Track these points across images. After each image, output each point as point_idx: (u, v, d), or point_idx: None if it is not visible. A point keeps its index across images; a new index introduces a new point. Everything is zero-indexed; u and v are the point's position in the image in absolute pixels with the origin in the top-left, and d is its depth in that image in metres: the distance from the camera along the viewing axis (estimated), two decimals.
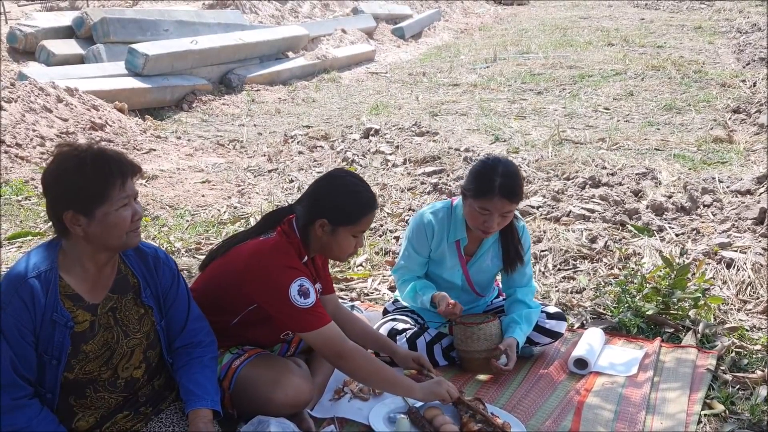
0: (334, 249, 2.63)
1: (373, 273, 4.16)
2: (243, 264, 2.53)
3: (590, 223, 4.92)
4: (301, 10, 13.24)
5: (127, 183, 2.04)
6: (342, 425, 2.65)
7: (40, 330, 2.01)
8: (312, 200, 2.62)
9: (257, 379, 2.51)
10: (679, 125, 7.65)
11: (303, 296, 2.47)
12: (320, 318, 2.51)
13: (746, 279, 3.96)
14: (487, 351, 2.99)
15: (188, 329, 2.34)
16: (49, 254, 2.07)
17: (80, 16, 9.15)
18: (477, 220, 2.97)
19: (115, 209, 2.02)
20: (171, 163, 6.75)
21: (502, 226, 3.02)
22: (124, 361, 2.18)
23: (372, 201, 2.63)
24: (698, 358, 3.05)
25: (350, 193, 2.60)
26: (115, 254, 2.15)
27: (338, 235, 2.58)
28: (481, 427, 2.53)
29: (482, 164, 3.02)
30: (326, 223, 2.56)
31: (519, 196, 2.98)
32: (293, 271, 2.50)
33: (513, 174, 2.95)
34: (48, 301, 2.01)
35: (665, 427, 2.63)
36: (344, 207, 2.57)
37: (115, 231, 2.03)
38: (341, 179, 2.67)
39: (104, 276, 2.14)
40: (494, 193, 2.89)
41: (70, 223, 2.00)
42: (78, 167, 1.98)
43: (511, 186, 2.91)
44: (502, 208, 2.92)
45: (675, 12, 17.14)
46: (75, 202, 1.98)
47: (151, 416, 2.28)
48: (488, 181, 2.91)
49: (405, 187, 5.81)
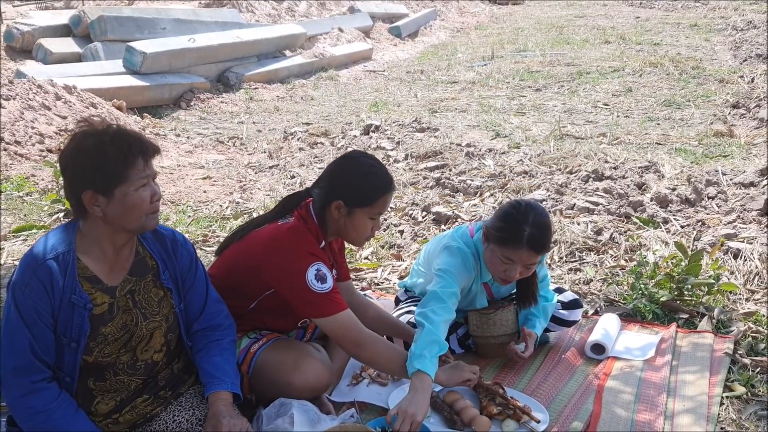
0: (351, 232, 2.59)
1: (382, 264, 4.14)
2: (260, 249, 2.51)
3: (595, 215, 4.91)
4: (298, 9, 13.21)
5: (147, 163, 2.01)
6: (362, 409, 2.63)
7: (59, 312, 1.99)
8: (328, 182, 2.58)
9: (276, 363, 2.48)
10: (679, 120, 7.66)
11: (320, 281, 2.44)
12: (337, 304, 2.48)
13: (753, 269, 3.95)
14: (504, 336, 2.97)
15: (207, 313, 2.31)
16: (66, 236, 2.04)
17: (77, 15, 9.10)
18: (497, 268, 2.79)
19: (135, 189, 1.99)
20: (171, 160, 6.72)
21: (524, 276, 2.84)
22: (143, 344, 2.16)
23: (389, 182, 2.58)
24: (715, 343, 3.05)
25: (366, 174, 2.56)
26: (133, 236, 2.12)
27: (355, 217, 2.54)
28: (501, 410, 2.51)
29: (513, 208, 2.78)
30: (342, 205, 2.52)
31: (547, 249, 2.79)
32: (310, 256, 2.47)
33: (544, 225, 2.73)
34: (66, 282, 1.98)
35: (687, 408, 2.61)
36: (360, 188, 2.53)
37: (134, 211, 2.00)
38: (357, 160, 2.63)
39: (122, 258, 2.11)
40: (521, 245, 2.69)
41: (89, 203, 1.98)
42: (98, 146, 1.96)
43: (540, 239, 2.70)
44: (527, 260, 2.73)
45: (670, 10, 17.18)
46: (94, 182, 1.96)
47: (171, 400, 2.25)
48: (517, 230, 2.69)
49: (408, 182, 5.79)
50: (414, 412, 2.34)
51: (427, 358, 2.47)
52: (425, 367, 2.44)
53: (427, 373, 2.44)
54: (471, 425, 2.51)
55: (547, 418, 2.55)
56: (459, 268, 2.84)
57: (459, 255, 2.88)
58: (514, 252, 2.72)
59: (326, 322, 2.50)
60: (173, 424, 2.21)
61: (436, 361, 2.51)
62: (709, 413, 2.58)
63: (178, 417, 2.22)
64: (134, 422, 2.20)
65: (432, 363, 2.48)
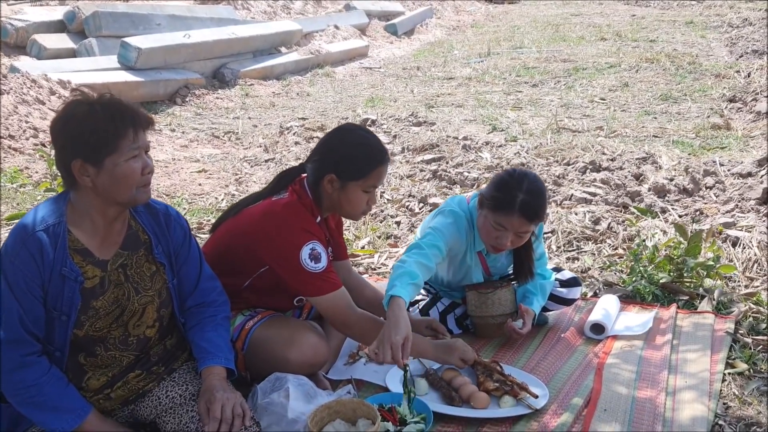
0: (345, 206, 2.54)
1: (378, 250, 4.11)
2: (254, 225, 2.47)
3: (592, 205, 4.89)
4: (294, 7, 13.17)
5: (138, 134, 1.97)
6: (359, 387, 2.60)
7: (49, 285, 1.94)
8: (320, 155, 2.54)
9: (272, 339, 2.45)
10: (675, 114, 7.64)
11: (314, 260, 2.40)
12: (330, 284, 2.45)
13: (752, 256, 3.93)
14: (502, 316, 2.94)
15: (200, 288, 2.27)
16: (57, 207, 2.00)
17: (72, 11, 9.04)
18: (490, 234, 2.77)
19: (125, 160, 1.94)
20: (166, 154, 6.68)
21: (516, 245, 2.81)
22: (135, 319, 2.12)
23: (382, 154, 2.52)
24: (716, 323, 3.03)
25: (358, 145, 2.50)
26: (125, 210, 2.07)
27: (348, 190, 2.49)
28: (498, 386, 2.48)
29: (507, 175, 2.77)
30: (335, 179, 2.48)
31: (540, 217, 2.74)
32: (305, 234, 2.43)
33: (538, 192, 2.70)
34: (56, 255, 1.94)
35: (689, 385, 2.59)
36: (352, 160, 2.48)
37: (124, 183, 1.96)
38: (349, 132, 2.59)
39: (114, 232, 2.07)
40: (513, 210, 2.67)
41: (78, 173, 1.93)
42: (88, 114, 1.92)
43: (533, 205, 2.67)
44: (519, 227, 2.70)
45: (666, 9, 17.19)
46: (84, 151, 1.91)
47: (164, 376, 2.21)
48: (509, 195, 2.67)
49: (404, 175, 5.76)
50: (389, 335, 2.28)
51: (398, 285, 2.43)
52: (396, 291, 2.40)
53: (398, 296, 2.39)
54: (469, 401, 2.48)
55: (547, 394, 2.53)
56: (448, 226, 2.82)
57: (451, 216, 2.87)
58: (505, 218, 2.69)
59: (318, 301, 2.47)
60: (166, 400, 2.17)
61: (409, 287, 2.46)
62: (711, 389, 2.57)
63: (171, 392, 2.18)
64: (126, 398, 2.17)
65: (403, 288, 2.43)
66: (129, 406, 2.19)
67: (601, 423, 2.40)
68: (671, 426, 2.40)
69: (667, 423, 2.42)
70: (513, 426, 2.40)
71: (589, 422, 2.39)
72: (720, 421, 2.45)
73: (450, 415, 2.44)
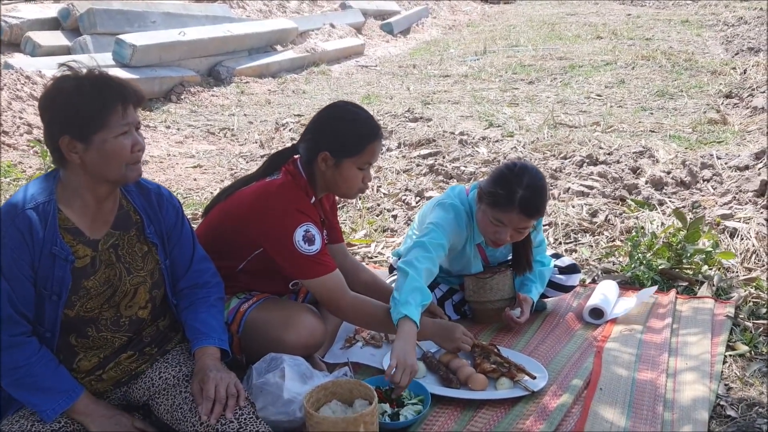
0: (341, 185, 2.50)
1: (375, 240, 4.08)
2: (247, 206, 2.44)
3: (590, 198, 4.87)
4: (289, 6, 13.15)
5: (128, 110, 1.92)
6: (356, 370, 2.56)
7: (39, 264, 1.90)
8: (312, 134, 2.50)
9: (268, 321, 2.41)
10: (672, 110, 7.63)
11: (308, 242, 2.36)
12: (324, 266, 2.41)
13: (750, 247, 3.91)
14: (500, 301, 2.92)
15: (193, 270, 2.23)
16: (47, 186, 1.96)
17: (66, 8, 9.00)
18: (488, 230, 2.72)
19: (114, 136, 1.90)
20: (161, 150, 6.65)
21: (515, 240, 2.76)
22: (126, 300, 2.08)
23: (374, 129, 2.48)
24: (716, 308, 3.01)
25: (350, 121, 2.46)
26: (115, 188, 2.03)
27: (342, 168, 2.45)
28: (495, 367, 2.46)
29: (507, 170, 2.69)
30: (329, 157, 2.44)
31: (541, 213, 2.69)
32: (299, 215, 2.40)
33: (538, 188, 2.64)
34: (47, 233, 1.90)
35: (690, 367, 2.56)
36: (345, 137, 2.44)
37: (113, 160, 1.91)
38: (341, 108, 2.54)
39: (105, 211, 2.03)
40: (512, 207, 2.61)
41: (67, 150, 1.89)
42: (76, 89, 1.87)
43: (533, 202, 2.61)
44: (518, 224, 2.65)
45: (661, 8, 17.21)
46: (71, 127, 1.87)
47: (157, 357, 2.18)
48: (509, 191, 2.61)
49: (401, 169, 5.74)
50: (412, 363, 2.28)
51: (412, 305, 2.39)
52: (411, 313, 2.36)
53: (413, 320, 2.36)
54: (467, 384, 2.46)
55: (546, 376, 2.50)
56: (450, 222, 2.76)
57: (452, 210, 2.81)
58: (504, 214, 2.64)
59: (311, 284, 2.44)
60: (159, 381, 2.13)
61: (420, 309, 2.43)
62: (712, 371, 2.55)
63: (164, 374, 2.14)
64: (119, 380, 2.13)
65: (417, 310, 2.40)
66: (122, 388, 2.16)
67: (601, 404, 2.38)
68: (672, 407, 2.38)
69: (669, 404, 2.40)
70: (512, 408, 2.37)
71: (590, 403, 2.37)
72: (722, 401, 2.43)
73: (448, 397, 2.42)
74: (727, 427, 2.31)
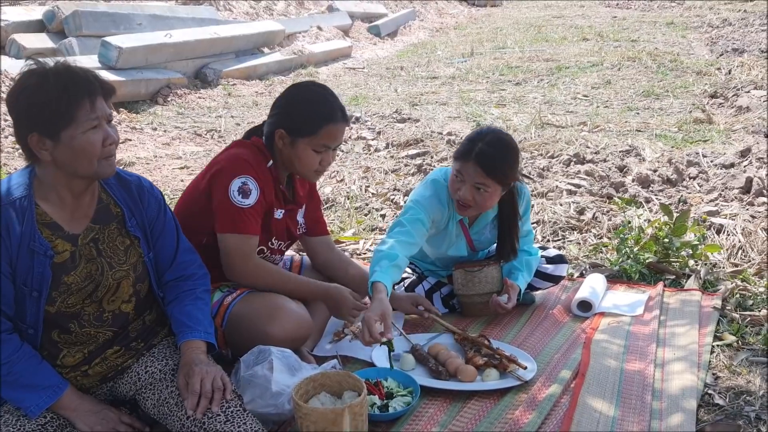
0: (296, 164, 2.48)
1: (363, 237, 4.08)
2: (207, 167, 2.49)
3: (577, 196, 4.89)
4: (276, 8, 13.13)
5: (96, 103, 1.86)
6: (345, 363, 2.55)
7: (17, 260, 1.86)
8: (273, 110, 2.50)
9: (252, 314, 2.38)
10: (658, 110, 7.68)
11: (242, 194, 2.36)
12: (244, 224, 2.39)
13: (737, 243, 3.94)
14: (489, 294, 2.92)
15: (178, 261, 2.20)
16: (23, 181, 1.91)
17: (51, 10, 8.93)
18: (453, 186, 2.79)
19: (83, 132, 1.84)
20: (147, 152, 6.61)
21: (481, 206, 2.79)
22: (109, 294, 2.04)
23: (332, 112, 2.44)
24: (703, 300, 3.02)
25: (308, 101, 2.44)
26: (92, 182, 1.99)
27: (297, 147, 2.44)
28: (487, 361, 2.46)
29: (477, 129, 2.86)
30: (285, 134, 2.43)
31: (496, 171, 2.70)
32: (246, 166, 2.40)
33: (498, 145, 2.72)
34: (24, 229, 1.86)
35: (678, 357, 2.57)
36: (301, 116, 2.42)
37: (84, 156, 1.86)
38: (302, 87, 2.53)
39: (83, 205, 1.99)
40: (470, 158, 2.70)
41: (36, 147, 1.85)
42: (41, 85, 1.82)
43: (489, 155, 2.68)
44: (475, 178, 2.70)
45: (646, 10, 17.32)
46: (39, 124, 1.82)
47: (143, 351, 2.15)
48: (470, 144, 2.73)
49: (389, 169, 5.74)
50: (369, 315, 2.33)
51: (378, 271, 2.47)
52: (377, 277, 2.46)
53: (380, 281, 2.44)
54: (456, 375, 2.45)
55: (535, 367, 2.50)
56: (430, 198, 2.82)
57: (432, 186, 2.87)
58: (462, 165, 2.72)
59: (224, 237, 2.42)
60: (146, 376, 2.11)
61: (390, 270, 2.49)
62: (700, 361, 2.56)
63: (150, 368, 2.12)
64: (105, 375, 2.10)
65: (383, 272, 2.48)
66: (108, 383, 2.13)
67: (590, 394, 2.38)
68: (661, 396, 2.39)
69: (657, 393, 2.41)
70: (501, 398, 2.37)
71: (578, 393, 2.37)
72: (710, 390, 2.45)
73: (437, 389, 2.41)
74: (716, 415, 2.32)
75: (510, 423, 2.24)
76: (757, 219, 4.15)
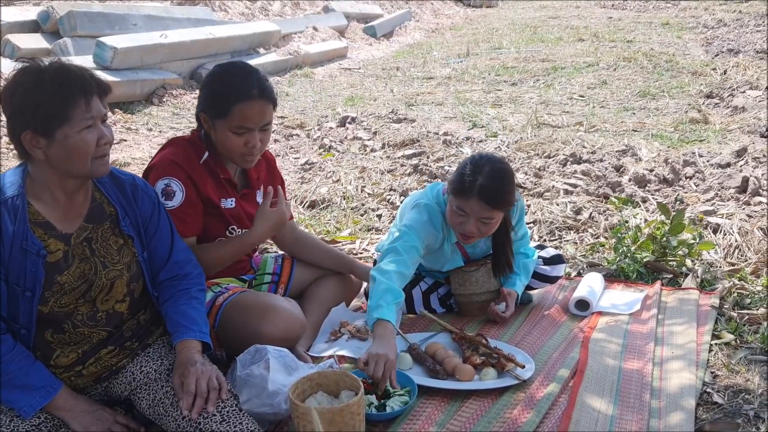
0: (221, 148, 2.41)
1: (360, 237, 4.07)
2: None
3: (574, 196, 4.88)
4: (272, 9, 13.11)
5: (91, 102, 1.85)
6: (341, 363, 2.54)
7: (10, 260, 1.85)
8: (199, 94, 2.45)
9: (244, 313, 2.36)
10: (654, 110, 7.69)
11: (165, 197, 2.32)
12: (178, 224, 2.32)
13: (733, 243, 3.94)
14: (486, 294, 2.91)
15: (173, 261, 2.19)
16: (16, 179, 1.90)
17: (46, 10, 8.90)
18: (455, 220, 2.72)
19: (77, 131, 1.83)
20: (143, 152, 6.59)
21: (485, 234, 2.74)
22: (103, 294, 2.03)
23: (244, 91, 2.32)
24: (701, 298, 3.02)
25: (219, 81, 2.36)
26: (85, 181, 1.98)
27: (217, 130, 2.37)
28: (484, 360, 2.44)
29: (471, 159, 2.71)
30: (207, 118, 2.37)
31: (501, 203, 2.65)
32: (170, 167, 2.35)
33: (499, 177, 2.63)
34: (17, 228, 1.85)
35: (676, 355, 2.57)
36: (213, 97, 2.35)
37: (77, 155, 1.85)
38: (221, 67, 2.43)
39: (76, 204, 1.98)
40: (472, 195, 2.61)
41: (29, 145, 1.84)
42: (36, 83, 1.81)
43: (492, 190, 2.60)
44: (480, 213, 2.64)
45: (642, 11, 17.36)
46: (33, 122, 1.81)
47: (138, 351, 2.13)
48: (469, 179, 2.62)
49: (385, 169, 5.73)
50: (384, 353, 2.27)
51: (384, 306, 2.42)
52: (383, 314, 2.41)
53: (386, 319, 2.40)
54: (454, 374, 2.44)
55: (533, 366, 2.49)
56: (424, 224, 2.76)
57: (426, 212, 2.80)
58: (465, 202, 2.64)
59: None
60: (141, 376, 2.09)
61: (393, 307, 2.44)
62: (698, 359, 2.56)
63: (145, 368, 2.10)
64: (99, 375, 2.09)
65: (389, 310, 2.42)
66: (102, 383, 2.12)
67: (588, 393, 2.37)
68: (660, 395, 2.38)
69: (655, 392, 2.41)
70: (499, 397, 2.36)
71: (577, 392, 2.36)
72: (708, 389, 2.44)
73: (435, 388, 2.40)
74: (714, 414, 2.32)
75: (508, 422, 2.23)
76: (753, 218, 4.15)
